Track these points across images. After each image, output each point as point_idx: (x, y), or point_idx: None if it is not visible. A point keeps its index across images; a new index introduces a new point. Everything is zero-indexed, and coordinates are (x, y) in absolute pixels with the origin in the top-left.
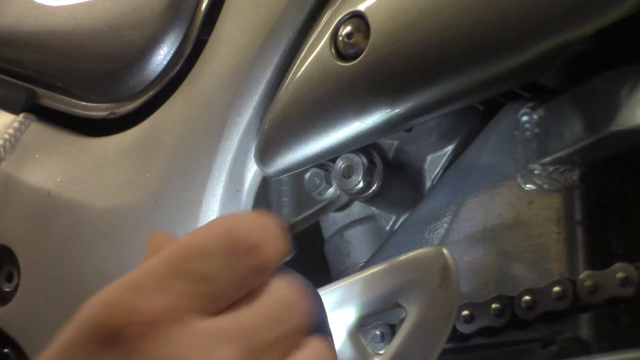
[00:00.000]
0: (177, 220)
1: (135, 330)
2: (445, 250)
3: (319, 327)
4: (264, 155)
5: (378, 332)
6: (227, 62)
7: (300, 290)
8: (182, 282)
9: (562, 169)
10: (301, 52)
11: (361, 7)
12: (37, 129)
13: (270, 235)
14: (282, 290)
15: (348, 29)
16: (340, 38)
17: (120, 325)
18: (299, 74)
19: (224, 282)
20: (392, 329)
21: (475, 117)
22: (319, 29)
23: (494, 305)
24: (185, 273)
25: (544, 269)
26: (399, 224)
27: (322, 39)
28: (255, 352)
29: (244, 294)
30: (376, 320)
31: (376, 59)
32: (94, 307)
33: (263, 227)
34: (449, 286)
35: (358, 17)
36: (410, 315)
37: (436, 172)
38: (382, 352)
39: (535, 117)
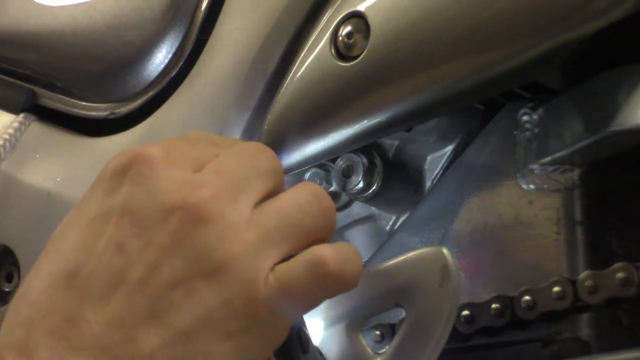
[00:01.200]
0: None
1: (141, 164)
2: (445, 250)
3: None
4: None
5: (378, 332)
6: (227, 62)
7: (256, 145)
8: (175, 148)
9: (562, 169)
10: (301, 52)
11: (361, 7)
12: (37, 129)
13: (223, 138)
14: (243, 145)
15: (348, 29)
16: (340, 38)
17: (130, 161)
18: (299, 74)
19: (197, 151)
20: (392, 329)
21: (475, 117)
22: (319, 29)
23: (494, 306)
24: (175, 145)
25: (544, 269)
26: (399, 224)
27: (322, 39)
28: (232, 184)
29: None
30: (376, 320)
31: (376, 59)
32: (114, 156)
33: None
34: (449, 286)
35: (358, 17)
36: (410, 315)
37: (436, 172)
38: (382, 352)
39: (535, 117)
